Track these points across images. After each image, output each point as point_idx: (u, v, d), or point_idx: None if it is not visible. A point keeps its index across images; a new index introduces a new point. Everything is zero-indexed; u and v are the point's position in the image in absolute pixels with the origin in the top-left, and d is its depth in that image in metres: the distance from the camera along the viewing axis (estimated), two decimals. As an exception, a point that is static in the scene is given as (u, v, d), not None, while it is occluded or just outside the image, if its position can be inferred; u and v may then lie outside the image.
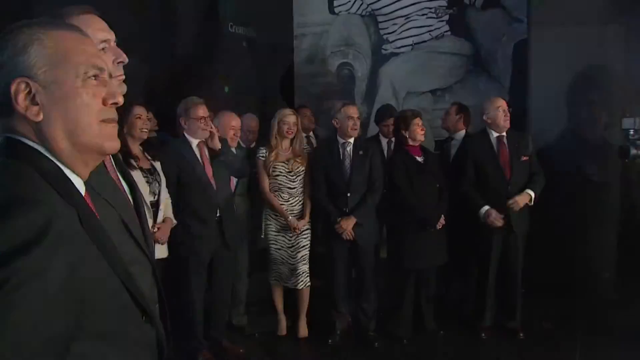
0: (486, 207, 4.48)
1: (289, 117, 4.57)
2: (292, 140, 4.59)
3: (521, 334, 4.60)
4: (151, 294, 1.64)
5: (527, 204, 4.50)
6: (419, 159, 4.57)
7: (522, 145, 4.60)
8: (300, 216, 4.61)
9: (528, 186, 4.53)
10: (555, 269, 5.46)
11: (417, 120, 4.53)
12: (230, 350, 4.44)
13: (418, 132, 4.52)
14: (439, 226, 4.48)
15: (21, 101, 1.09)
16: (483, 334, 4.65)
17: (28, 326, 0.89)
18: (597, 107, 5.37)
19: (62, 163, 1.14)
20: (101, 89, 1.17)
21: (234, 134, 4.51)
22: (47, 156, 1.11)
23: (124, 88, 1.64)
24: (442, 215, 4.50)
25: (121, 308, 1.15)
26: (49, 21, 1.15)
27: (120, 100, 1.21)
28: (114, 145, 1.21)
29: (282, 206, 4.58)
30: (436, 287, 4.85)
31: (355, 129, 4.53)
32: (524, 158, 4.58)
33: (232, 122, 4.52)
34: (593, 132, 5.38)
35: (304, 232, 4.62)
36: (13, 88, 1.08)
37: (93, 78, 1.15)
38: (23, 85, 1.08)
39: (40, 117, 1.10)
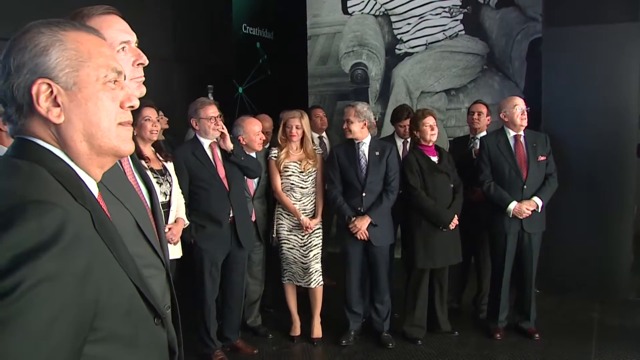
0: (514, 202, 4.45)
1: (291, 120, 4.57)
2: (301, 142, 4.59)
3: (536, 335, 4.56)
4: (164, 297, 1.64)
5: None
6: (434, 158, 4.54)
7: (540, 145, 4.57)
8: (313, 215, 4.62)
9: (538, 192, 4.49)
10: (571, 268, 5.43)
11: (427, 120, 4.49)
12: (244, 350, 4.46)
13: (428, 132, 4.50)
14: (451, 226, 4.46)
15: (43, 102, 1.08)
16: (498, 335, 4.62)
17: (42, 329, 0.89)
18: (612, 106, 5.31)
19: (76, 165, 1.14)
20: (119, 92, 1.17)
21: (260, 139, 4.52)
22: (60, 157, 1.11)
23: (143, 90, 1.63)
24: (456, 215, 4.47)
25: (134, 311, 1.15)
26: (67, 22, 1.14)
27: (137, 103, 1.21)
28: (130, 147, 1.21)
29: (295, 205, 4.59)
30: (451, 287, 4.83)
31: (347, 130, 4.51)
32: (541, 158, 4.54)
33: (256, 127, 4.52)
34: (608, 131, 5.32)
35: (316, 231, 4.62)
36: (35, 89, 1.07)
37: (112, 81, 1.15)
38: (45, 87, 1.07)
39: (62, 119, 1.09)
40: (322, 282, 4.62)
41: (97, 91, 1.12)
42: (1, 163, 1.08)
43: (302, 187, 4.60)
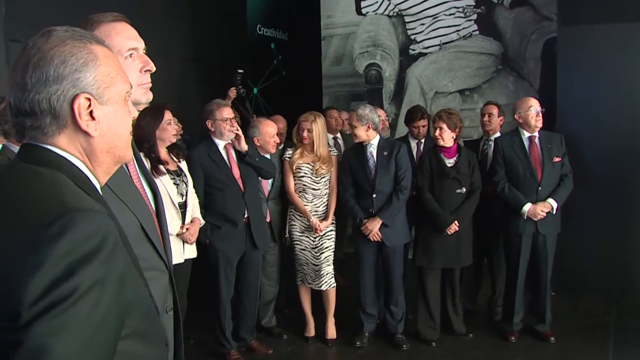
0: (529, 204, 4.43)
1: (304, 123, 4.58)
2: (313, 144, 4.59)
3: (552, 338, 4.53)
4: (166, 299, 1.68)
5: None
6: (451, 161, 4.51)
7: (555, 146, 4.54)
8: (324, 217, 4.63)
9: (553, 194, 4.47)
10: (587, 270, 5.39)
11: (438, 124, 4.46)
12: (259, 350, 4.49)
13: (434, 134, 4.50)
14: (448, 232, 4.43)
15: (84, 116, 1.13)
16: (512, 338, 4.60)
17: (94, 329, 0.96)
18: (627, 105, 5.27)
19: (90, 172, 1.19)
20: (129, 105, 1.25)
21: (274, 142, 4.55)
22: (74, 164, 1.15)
23: (150, 96, 1.67)
24: (456, 222, 4.44)
25: (149, 309, 1.23)
26: (89, 35, 1.18)
27: (136, 114, 1.30)
28: (131, 154, 1.31)
29: (306, 207, 4.60)
30: (465, 289, 4.81)
31: (353, 135, 4.51)
32: (556, 159, 4.52)
33: (271, 130, 4.54)
34: (624, 131, 5.28)
35: (327, 234, 4.62)
36: (77, 102, 1.11)
37: (129, 95, 1.23)
38: (84, 101, 1.12)
39: (97, 132, 1.15)
40: (334, 285, 4.63)
41: (122, 106, 1.20)
42: (24, 171, 1.11)
43: (314, 189, 4.61)
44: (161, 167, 3.67)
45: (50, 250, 0.94)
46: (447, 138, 4.45)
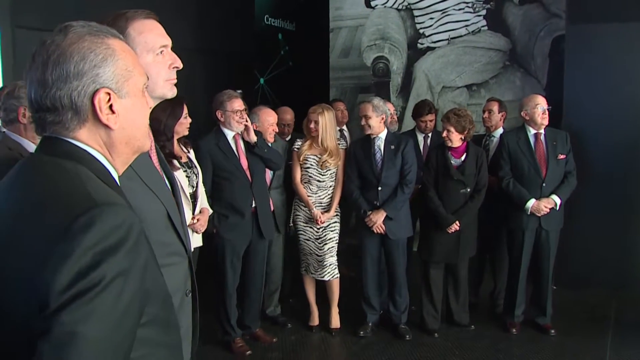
0: (533, 200, 4.48)
1: (311, 115, 4.60)
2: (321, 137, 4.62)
3: (552, 331, 4.60)
4: (186, 283, 1.76)
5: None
6: (455, 161, 4.52)
7: (560, 143, 4.58)
8: (328, 209, 4.66)
9: (556, 190, 4.52)
10: (588, 265, 5.45)
11: (446, 125, 4.45)
12: (263, 339, 4.55)
13: (443, 135, 4.52)
14: (449, 231, 4.48)
15: (104, 110, 1.16)
16: (514, 330, 4.66)
17: (118, 317, 1.01)
18: (635, 104, 5.30)
19: (110, 163, 1.23)
20: (147, 97, 1.29)
21: (272, 130, 4.62)
22: (95, 157, 1.19)
23: (174, 91, 1.74)
24: (457, 222, 4.48)
25: (166, 296, 1.27)
26: (106, 29, 1.21)
27: (153, 103, 1.34)
28: (149, 144, 1.35)
29: (310, 198, 4.64)
30: (468, 281, 4.87)
31: (366, 126, 4.53)
32: (561, 156, 4.56)
33: (270, 119, 4.62)
34: (630, 129, 5.32)
35: (331, 225, 4.67)
36: (98, 97, 1.14)
37: (145, 88, 1.27)
38: (104, 95, 1.16)
39: (117, 125, 1.19)
40: (337, 275, 4.67)
41: (140, 98, 1.24)
42: (48, 163, 1.15)
43: (319, 180, 4.65)
44: (175, 162, 3.70)
45: (79, 241, 0.98)
46: (455, 140, 4.46)
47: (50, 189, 1.09)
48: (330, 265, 4.64)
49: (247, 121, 4.20)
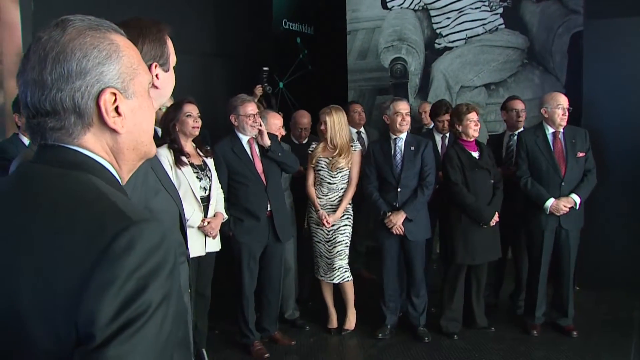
0: (552, 199, 4.43)
1: (320, 117, 4.62)
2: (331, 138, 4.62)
3: (574, 333, 4.52)
4: (187, 284, 1.80)
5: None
6: (475, 154, 4.52)
7: (579, 141, 4.51)
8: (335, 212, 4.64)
9: (576, 189, 4.45)
10: (610, 265, 5.36)
11: (471, 116, 4.47)
12: (282, 341, 4.55)
13: (471, 128, 4.47)
14: (492, 223, 4.45)
15: (110, 111, 1.04)
16: (534, 332, 4.60)
17: (161, 344, 0.92)
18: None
19: (117, 172, 1.10)
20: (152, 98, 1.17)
21: (279, 134, 4.64)
22: (105, 167, 1.06)
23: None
24: (497, 212, 4.47)
25: (183, 311, 1.26)
26: (106, 23, 1.09)
27: (159, 106, 1.30)
28: (155, 149, 1.22)
29: (320, 200, 4.63)
30: (488, 282, 4.82)
31: (404, 125, 4.54)
32: (580, 154, 4.49)
33: (277, 122, 4.66)
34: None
35: (341, 228, 4.64)
36: (103, 98, 1.02)
37: (150, 87, 1.15)
38: (110, 96, 1.03)
39: (125, 128, 1.06)
40: (348, 279, 4.64)
41: (146, 98, 1.11)
42: (58, 176, 1.01)
43: (329, 183, 4.63)
44: (183, 158, 3.75)
45: (121, 265, 0.88)
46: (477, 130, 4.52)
47: (74, 207, 0.95)
48: (339, 268, 4.62)
49: (260, 125, 4.22)
